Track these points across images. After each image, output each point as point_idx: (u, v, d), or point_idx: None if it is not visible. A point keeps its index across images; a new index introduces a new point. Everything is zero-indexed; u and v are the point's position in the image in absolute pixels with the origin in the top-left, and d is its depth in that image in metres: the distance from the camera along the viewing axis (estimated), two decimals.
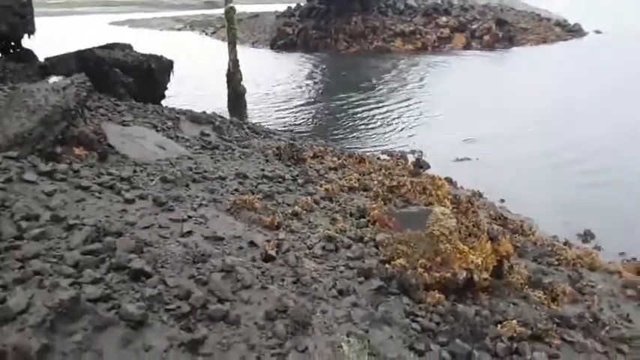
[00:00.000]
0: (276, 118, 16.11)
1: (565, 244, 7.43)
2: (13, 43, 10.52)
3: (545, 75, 22.34)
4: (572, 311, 5.31)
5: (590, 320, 5.15)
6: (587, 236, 7.86)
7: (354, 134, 14.32)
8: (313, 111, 17.48)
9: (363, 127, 15.20)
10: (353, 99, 18.86)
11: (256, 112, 17.06)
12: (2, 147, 5.49)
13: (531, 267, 6.22)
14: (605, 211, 8.68)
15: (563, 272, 6.32)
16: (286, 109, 17.71)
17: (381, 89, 20.74)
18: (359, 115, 16.62)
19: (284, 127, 14.65)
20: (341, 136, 14.04)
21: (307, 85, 22.50)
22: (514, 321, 4.68)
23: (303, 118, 16.34)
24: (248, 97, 17.79)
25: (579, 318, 5.14)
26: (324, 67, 27.62)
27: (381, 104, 18.00)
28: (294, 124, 15.36)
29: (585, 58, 26.30)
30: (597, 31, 37.36)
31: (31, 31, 10.42)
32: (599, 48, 29.76)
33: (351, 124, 15.57)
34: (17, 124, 5.97)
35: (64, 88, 6.11)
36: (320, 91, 21.06)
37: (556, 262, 6.59)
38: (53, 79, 6.43)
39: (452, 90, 20.17)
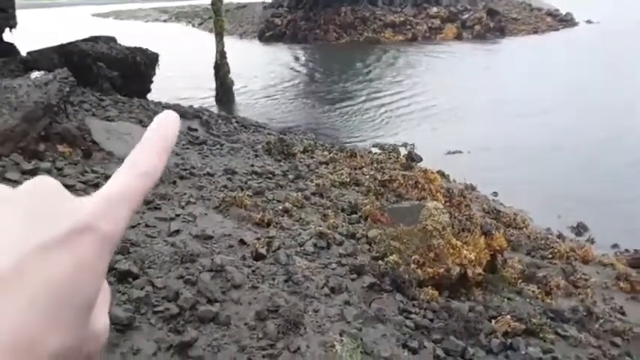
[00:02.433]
0: (266, 112, 15.94)
1: (559, 237, 7.42)
2: None
3: (537, 65, 22.34)
4: (566, 305, 5.29)
5: (584, 314, 5.14)
6: (580, 229, 7.85)
7: (345, 127, 14.21)
8: (303, 104, 17.33)
9: (354, 120, 15.10)
10: (343, 92, 18.74)
11: (245, 105, 16.86)
12: None
13: (525, 261, 6.19)
14: (598, 203, 8.66)
15: (556, 265, 6.30)
16: (275, 102, 17.55)
17: (371, 81, 20.63)
18: (349, 107, 16.50)
19: (273, 120, 14.50)
20: (332, 129, 13.93)
21: (297, 77, 22.32)
22: (508, 316, 4.64)
23: (293, 112, 16.20)
24: (236, 90, 17.59)
25: (573, 312, 5.12)
26: (314, 58, 27.43)
27: (371, 96, 17.89)
28: (284, 118, 15.21)
29: (576, 48, 26.32)
30: (588, 21, 37.43)
31: (12, 26, 10.14)
32: (589, 38, 29.82)
33: (341, 117, 15.45)
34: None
35: (46, 84, 5.93)
36: (310, 84, 20.89)
37: (550, 256, 6.58)
38: (35, 74, 6.24)
39: (443, 81, 20.10)
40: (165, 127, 0.47)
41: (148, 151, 0.45)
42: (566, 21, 37.22)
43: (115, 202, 0.41)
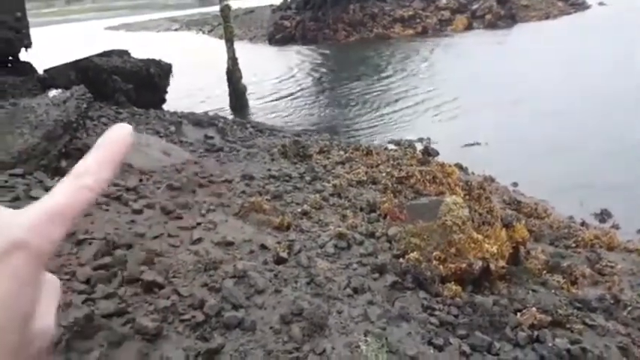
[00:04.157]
0: (279, 115, 16.01)
1: (582, 224, 7.30)
2: (10, 58, 10.49)
3: (551, 52, 21.93)
4: (592, 294, 5.22)
5: (611, 302, 5.06)
6: (603, 215, 7.70)
7: (360, 125, 14.19)
8: (316, 105, 17.36)
9: (368, 117, 15.07)
10: (355, 90, 18.70)
11: (259, 109, 16.96)
12: (7, 164, 5.47)
13: (548, 251, 6.12)
14: (621, 189, 8.47)
15: (581, 254, 6.21)
16: (289, 104, 17.60)
17: (383, 78, 20.54)
18: (363, 105, 16.47)
19: (288, 123, 14.56)
20: (346, 128, 13.93)
21: (308, 78, 22.34)
22: (534, 308, 4.60)
23: (307, 113, 16.23)
24: (249, 95, 17.71)
25: (600, 300, 5.05)
26: (324, 58, 27.41)
27: (384, 93, 17.83)
28: (298, 120, 15.26)
29: (591, 32, 25.78)
30: (601, 3, 36.66)
31: (27, 45, 10.38)
32: (604, 21, 29.14)
33: (355, 115, 15.43)
34: (21, 141, 5.95)
35: (64, 102, 6.07)
36: (322, 84, 20.89)
37: (573, 244, 6.48)
38: (53, 92, 6.39)
39: (455, 74, 19.90)
40: (117, 139, 0.47)
41: (94, 164, 0.45)
42: (578, 5, 36.41)
43: (53, 216, 0.41)
